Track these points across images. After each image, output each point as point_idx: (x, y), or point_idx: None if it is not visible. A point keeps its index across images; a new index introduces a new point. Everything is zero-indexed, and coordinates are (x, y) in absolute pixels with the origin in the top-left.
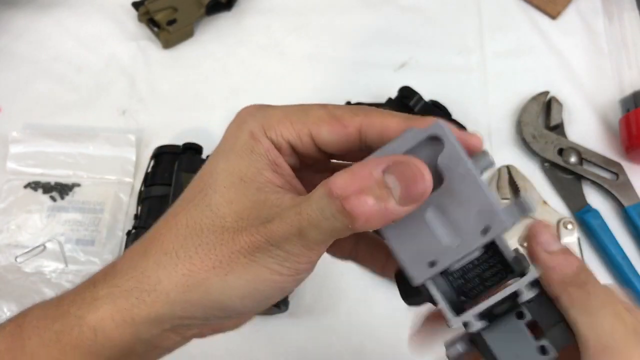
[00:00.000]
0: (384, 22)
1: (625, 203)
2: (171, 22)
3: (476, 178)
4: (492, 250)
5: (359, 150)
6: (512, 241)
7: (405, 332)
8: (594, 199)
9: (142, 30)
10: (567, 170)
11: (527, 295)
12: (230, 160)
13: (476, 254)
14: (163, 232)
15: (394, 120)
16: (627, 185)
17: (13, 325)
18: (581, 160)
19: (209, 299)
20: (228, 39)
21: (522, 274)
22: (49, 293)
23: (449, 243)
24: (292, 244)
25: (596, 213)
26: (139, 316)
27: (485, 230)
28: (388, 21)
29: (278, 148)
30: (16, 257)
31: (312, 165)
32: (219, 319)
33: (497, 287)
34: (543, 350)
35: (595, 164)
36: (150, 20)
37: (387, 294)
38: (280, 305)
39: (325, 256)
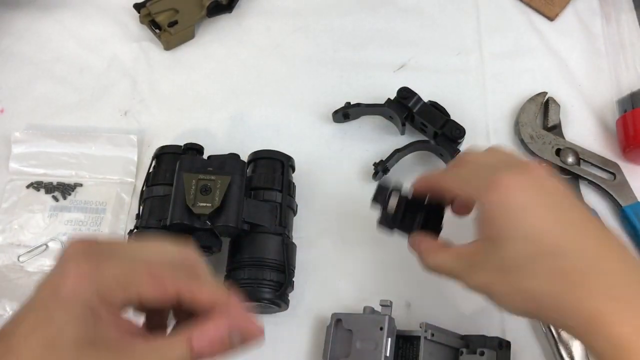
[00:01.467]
0: (383, 23)
1: (623, 203)
2: (172, 24)
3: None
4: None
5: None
6: None
7: None
8: (592, 198)
9: (144, 32)
10: (565, 171)
11: None
12: (74, 331)
13: None
14: None
15: (205, 293)
16: (625, 185)
17: None
18: (579, 160)
19: None
20: (229, 40)
21: None
22: None
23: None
24: None
25: (594, 213)
26: None
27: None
28: (387, 22)
29: (115, 307)
30: (19, 257)
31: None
32: None
33: None
34: None
35: (592, 164)
36: (151, 22)
37: (388, 294)
38: (281, 304)
39: (326, 254)
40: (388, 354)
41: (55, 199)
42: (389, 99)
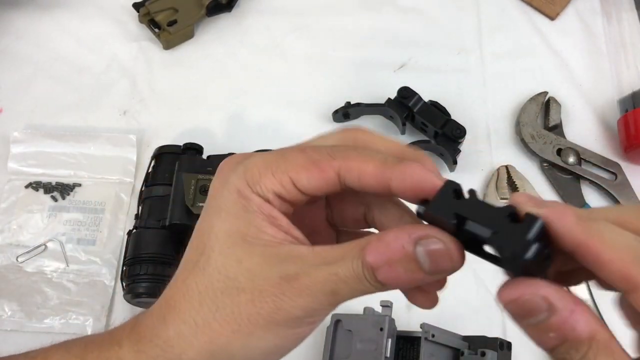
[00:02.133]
0: (384, 23)
1: (624, 203)
2: (172, 23)
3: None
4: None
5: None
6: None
7: None
8: (593, 198)
9: (143, 31)
10: (566, 170)
11: None
12: (226, 220)
13: None
14: (176, 298)
15: (371, 165)
16: (626, 185)
17: None
18: (580, 160)
19: None
20: (228, 39)
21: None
22: (50, 292)
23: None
24: (321, 303)
25: None
26: None
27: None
28: (387, 22)
29: (267, 200)
30: (17, 257)
31: (304, 204)
32: None
33: None
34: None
35: (593, 164)
36: (151, 21)
37: (388, 294)
38: None
39: None
40: (388, 355)
41: (54, 199)
42: (389, 98)
